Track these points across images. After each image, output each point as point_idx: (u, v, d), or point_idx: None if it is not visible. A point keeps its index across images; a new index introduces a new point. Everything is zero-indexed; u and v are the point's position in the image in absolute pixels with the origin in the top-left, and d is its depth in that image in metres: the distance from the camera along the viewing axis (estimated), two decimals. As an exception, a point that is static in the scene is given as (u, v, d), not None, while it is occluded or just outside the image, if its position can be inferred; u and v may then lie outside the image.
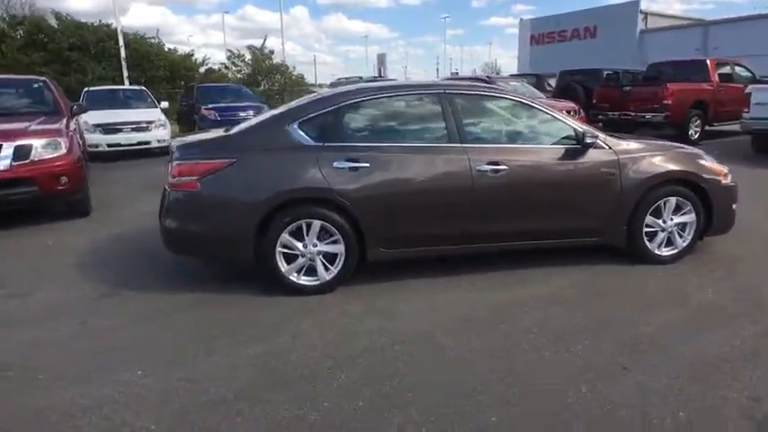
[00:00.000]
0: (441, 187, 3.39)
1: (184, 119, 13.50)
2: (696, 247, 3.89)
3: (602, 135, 3.66)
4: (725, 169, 3.85)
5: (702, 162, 3.82)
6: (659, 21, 38.71)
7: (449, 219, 3.45)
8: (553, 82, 15.77)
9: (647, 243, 3.75)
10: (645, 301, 3.21)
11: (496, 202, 3.47)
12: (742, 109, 9.91)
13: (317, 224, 3.27)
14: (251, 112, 12.51)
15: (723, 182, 3.80)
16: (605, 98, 11.71)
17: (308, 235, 3.28)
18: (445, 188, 3.39)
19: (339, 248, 3.33)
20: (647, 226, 3.72)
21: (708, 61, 11.40)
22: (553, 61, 38.01)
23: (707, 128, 11.09)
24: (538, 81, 14.14)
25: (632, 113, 10.98)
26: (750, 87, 8.95)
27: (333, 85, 17.95)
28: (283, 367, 2.51)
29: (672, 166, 3.69)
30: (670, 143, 4.09)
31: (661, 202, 3.70)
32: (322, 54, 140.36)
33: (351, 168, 3.25)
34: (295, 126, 3.34)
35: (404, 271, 3.59)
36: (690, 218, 3.77)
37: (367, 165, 3.27)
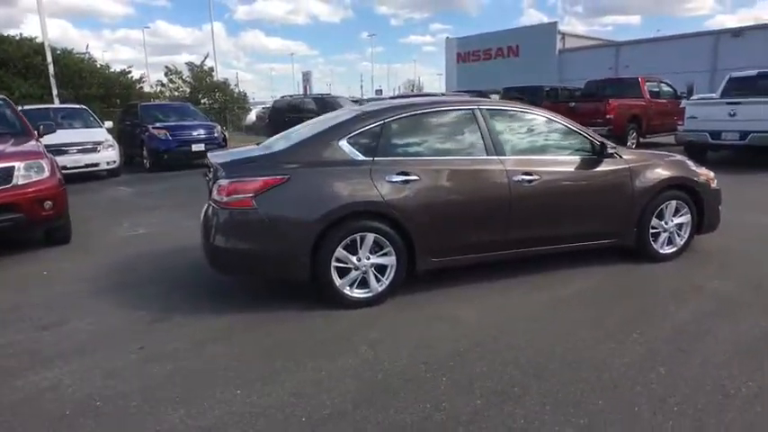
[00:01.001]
0: (482, 197, 3.60)
1: (126, 139, 12.71)
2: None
3: (616, 146, 4.05)
4: (712, 174, 4.39)
5: (694, 168, 4.32)
6: (575, 41, 42.12)
7: (489, 227, 3.66)
8: (495, 98, 16.73)
9: (653, 243, 4.18)
10: (667, 294, 3.58)
11: (530, 210, 3.73)
12: (669, 122, 11.06)
13: (370, 237, 3.35)
14: (202, 132, 12.21)
15: (712, 185, 4.33)
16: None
17: (361, 248, 3.35)
18: (486, 198, 3.61)
19: (390, 260, 3.43)
20: (653, 227, 4.15)
21: (639, 79, 12.64)
22: (479, 78, 40.30)
23: (641, 140, 12.26)
24: (481, 97, 14.92)
25: (578, 127, 11.93)
26: (684, 102, 10.06)
27: (276, 102, 17.82)
28: (381, 375, 2.57)
29: (672, 173, 4.15)
30: (661, 152, 4.58)
31: (664, 206, 4.14)
32: (241, 72, 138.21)
33: (402, 182, 3.38)
34: (344, 141, 3.42)
35: (439, 280, 3.73)
36: (687, 218, 4.25)
37: (416, 178, 3.41)
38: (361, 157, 3.41)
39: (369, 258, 3.38)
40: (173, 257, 4.75)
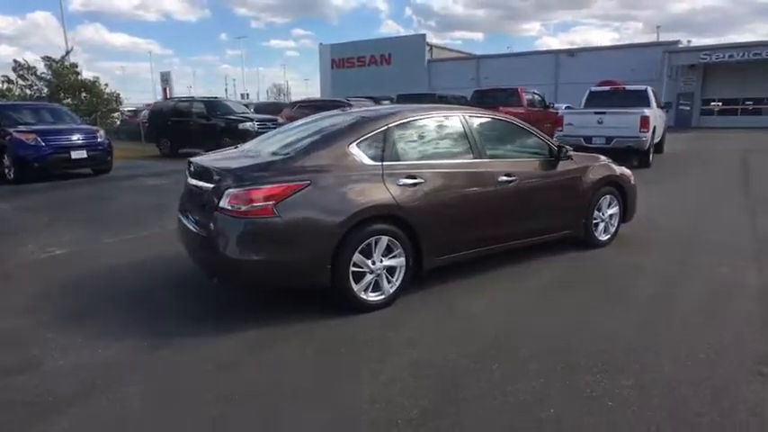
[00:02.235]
0: (476, 197, 3.86)
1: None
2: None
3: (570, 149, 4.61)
4: (630, 172, 5.21)
5: (619, 168, 5.09)
6: (442, 53, 45.30)
7: (481, 224, 3.94)
8: (386, 104, 17.42)
9: (594, 232, 4.84)
10: (622, 275, 4.19)
11: (511, 208, 4.10)
12: (542, 129, 12.54)
13: (384, 240, 3.41)
14: (82, 137, 10.79)
15: (631, 181, 5.14)
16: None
17: (375, 252, 3.39)
18: (479, 197, 3.88)
19: (400, 261, 3.52)
20: (593, 218, 4.81)
21: (519, 89, 14.18)
22: (354, 84, 41.43)
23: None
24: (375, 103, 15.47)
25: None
26: (562, 111, 11.56)
27: (157, 105, 16.14)
28: (438, 371, 2.66)
29: (608, 172, 4.86)
30: (594, 155, 5.31)
31: (602, 200, 4.83)
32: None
33: (411, 185, 3.49)
34: (354, 146, 3.43)
35: (430, 279, 3.86)
36: (616, 210, 5.00)
37: (422, 180, 3.55)
38: (370, 162, 3.44)
39: (381, 261, 3.43)
40: (121, 278, 4.24)
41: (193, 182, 3.53)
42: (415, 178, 3.52)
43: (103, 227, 6.12)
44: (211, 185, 3.23)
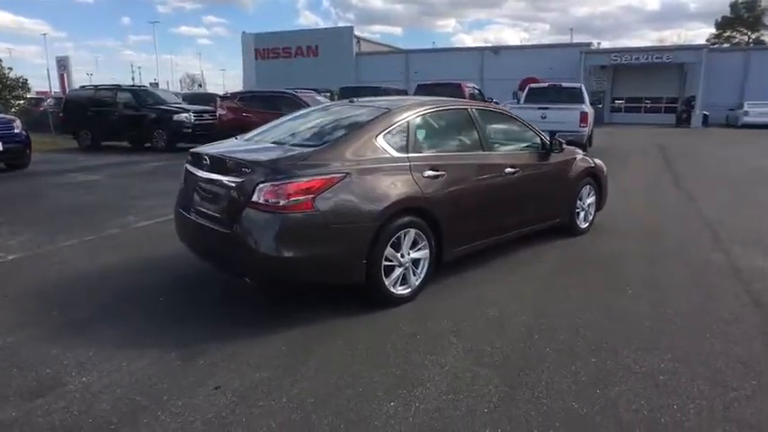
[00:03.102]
0: (487, 188, 3.94)
1: None
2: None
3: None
4: (603, 164, 5.56)
5: (593, 160, 5.42)
6: (370, 46, 45.39)
7: (491, 215, 4.03)
8: (326, 97, 17.17)
9: (577, 220, 5.13)
10: (612, 260, 4.47)
11: (516, 198, 4.23)
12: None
13: (411, 233, 3.38)
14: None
15: (605, 173, 5.50)
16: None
17: (403, 245, 3.35)
18: (490, 188, 3.97)
19: (424, 254, 3.51)
20: (576, 207, 5.10)
21: (461, 84, 14.58)
22: (280, 76, 40.42)
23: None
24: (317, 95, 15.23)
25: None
26: (509, 107, 12.04)
27: (72, 93, 14.59)
28: (499, 358, 2.71)
29: (589, 164, 5.16)
30: (571, 147, 5.60)
31: (583, 190, 5.12)
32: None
33: (434, 177, 3.49)
34: (381, 138, 3.36)
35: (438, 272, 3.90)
36: (593, 199, 5.33)
37: (443, 173, 3.56)
38: (398, 154, 3.39)
39: (409, 254, 3.40)
40: (104, 282, 3.86)
41: (207, 175, 3.27)
42: (438, 170, 3.53)
43: (55, 229, 5.50)
44: (239, 179, 3.01)
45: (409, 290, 3.45)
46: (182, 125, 13.29)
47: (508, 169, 4.11)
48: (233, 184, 3.04)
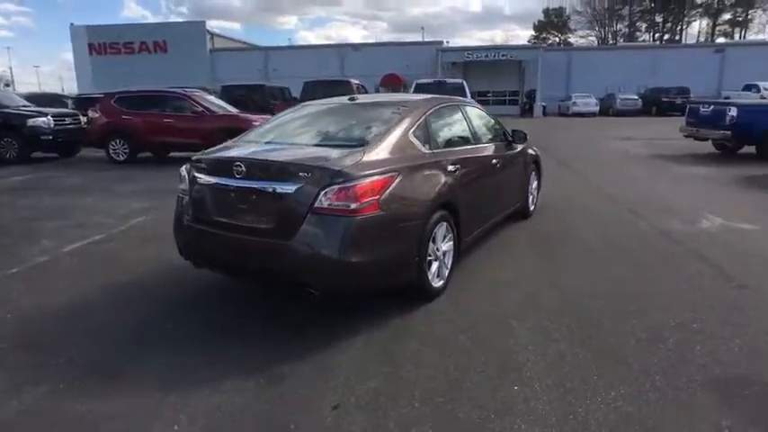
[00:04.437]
0: (484, 179, 4.20)
1: None
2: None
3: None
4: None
5: (534, 148, 6.03)
6: (225, 42, 43.09)
7: (486, 203, 4.30)
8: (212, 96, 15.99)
9: (528, 203, 5.70)
10: (567, 241, 5.07)
11: (499, 186, 4.57)
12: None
13: (443, 226, 3.49)
14: None
15: (540, 160, 6.16)
16: (290, 111, 13.27)
17: (437, 239, 3.45)
18: (486, 178, 4.24)
19: (450, 246, 3.64)
20: (529, 192, 5.65)
21: (350, 80, 14.75)
22: (124, 75, 36.59)
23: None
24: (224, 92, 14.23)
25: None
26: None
27: None
28: (576, 329, 2.97)
29: (533, 153, 5.73)
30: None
31: (532, 176, 5.69)
32: None
33: (454, 171, 3.63)
34: (412, 134, 3.38)
35: None
36: (536, 184, 5.95)
37: (459, 166, 3.72)
38: (426, 150, 3.45)
39: (442, 247, 3.51)
40: (85, 322, 3.28)
41: (243, 183, 2.95)
42: (455, 165, 3.67)
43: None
44: (295, 184, 2.78)
45: (442, 282, 3.55)
46: (38, 131, 11.30)
47: (494, 160, 4.43)
48: (287, 191, 2.81)
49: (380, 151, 3.09)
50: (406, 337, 2.95)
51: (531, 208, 5.80)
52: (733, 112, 9.85)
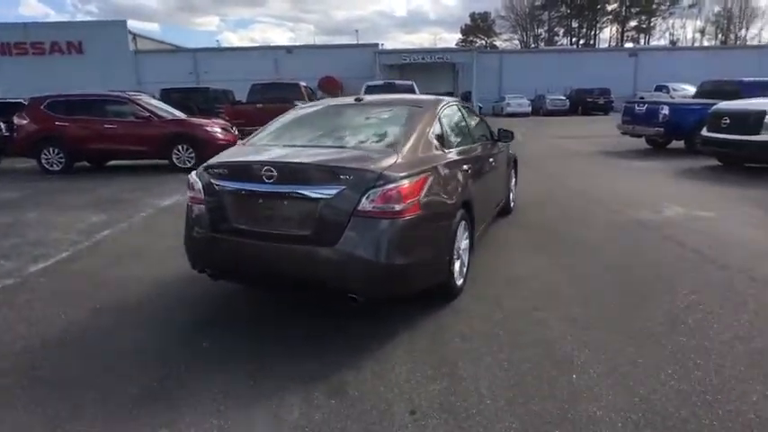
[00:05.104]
0: (486, 176, 4.30)
1: None
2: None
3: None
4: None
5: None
6: (150, 44, 40.87)
7: (487, 200, 4.41)
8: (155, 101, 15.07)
9: (509, 200, 5.90)
10: (556, 221, 5.33)
11: (493, 184, 4.70)
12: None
13: (463, 225, 3.52)
14: None
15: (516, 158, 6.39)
16: (240, 115, 12.82)
17: (459, 237, 3.48)
18: (487, 176, 4.33)
19: (466, 244, 3.69)
20: (510, 189, 5.86)
21: (299, 83, 14.51)
22: (33, 77, 33.83)
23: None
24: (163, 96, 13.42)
25: (268, 127, 12.74)
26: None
27: None
28: (597, 316, 3.11)
29: (511, 150, 5.94)
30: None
31: (511, 173, 5.90)
32: None
33: (468, 170, 3.68)
34: (432, 135, 3.39)
35: None
36: (514, 181, 6.17)
37: (470, 165, 3.78)
38: (443, 150, 3.47)
39: (462, 245, 3.55)
40: (103, 344, 3.01)
41: (277, 189, 2.81)
42: (467, 164, 3.73)
43: None
44: (335, 188, 2.69)
45: (462, 280, 3.59)
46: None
47: (490, 158, 4.54)
48: (327, 195, 2.71)
49: (410, 152, 3.08)
50: (446, 336, 2.96)
51: (512, 204, 6.00)
52: (665, 110, 10.75)
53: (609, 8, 62.24)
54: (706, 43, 57.63)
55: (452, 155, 3.55)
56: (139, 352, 2.88)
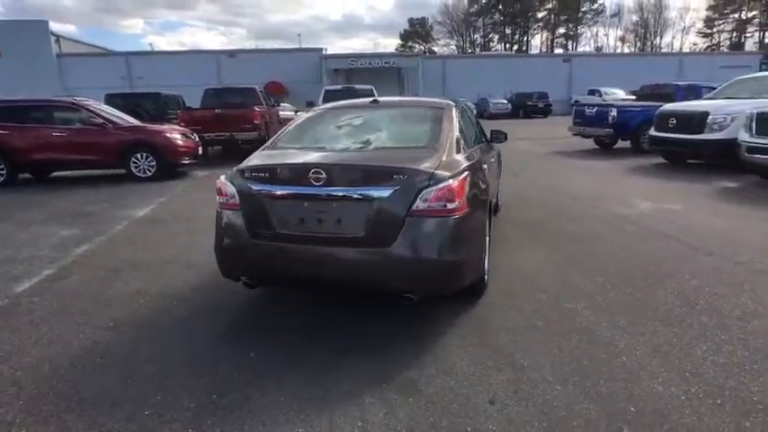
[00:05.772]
0: (491, 174, 4.44)
1: None
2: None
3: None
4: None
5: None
6: (75, 46, 38.40)
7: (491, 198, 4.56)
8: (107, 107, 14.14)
9: (497, 198, 6.12)
10: (543, 218, 5.60)
11: (492, 182, 4.86)
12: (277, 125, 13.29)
13: (487, 222, 3.65)
14: None
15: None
16: (196, 121, 12.31)
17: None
18: (491, 174, 4.48)
19: (487, 240, 3.80)
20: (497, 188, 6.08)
21: (256, 88, 14.18)
22: None
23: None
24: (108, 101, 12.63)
25: (227, 133, 12.36)
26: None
27: None
28: (614, 301, 3.32)
29: (498, 150, 6.17)
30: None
31: (500, 172, 6.13)
32: None
33: (487, 168, 3.84)
34: (458, 135, 3.48)
35: None
36: (500, 180, 6.40)
37: (485, 165, 3.93)
38: (467, 149, 3.57)
39: (487, 241, 3.67)
40: (140, 372, 2.85)
41: (326, 191, 2.78)
42: (483, 163, 3.87)
43: None
44: (389, 188, 2.71)
45: (486, 276, 3.71)
46: None
47: (492, 158, 4.72)
48: (381, 195, 2.73)
49: (449, 152, 3.16)
50: (491, 329, 3.06)
51: (498, 203, 6.23)
52: (614, 112, 11.53)
53: (539, 15, 65.70)
54: (627, 50, 62.27)
55: (474, 154, 3.67)
56: (181, 365, 2.76)
